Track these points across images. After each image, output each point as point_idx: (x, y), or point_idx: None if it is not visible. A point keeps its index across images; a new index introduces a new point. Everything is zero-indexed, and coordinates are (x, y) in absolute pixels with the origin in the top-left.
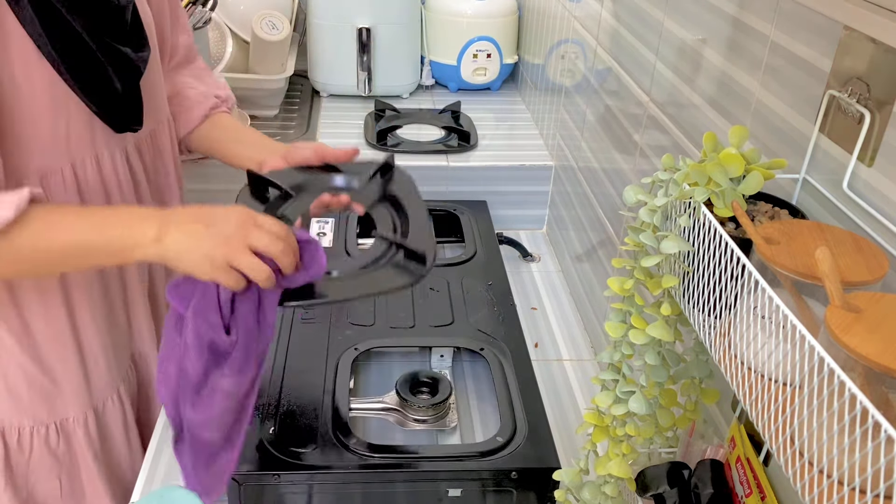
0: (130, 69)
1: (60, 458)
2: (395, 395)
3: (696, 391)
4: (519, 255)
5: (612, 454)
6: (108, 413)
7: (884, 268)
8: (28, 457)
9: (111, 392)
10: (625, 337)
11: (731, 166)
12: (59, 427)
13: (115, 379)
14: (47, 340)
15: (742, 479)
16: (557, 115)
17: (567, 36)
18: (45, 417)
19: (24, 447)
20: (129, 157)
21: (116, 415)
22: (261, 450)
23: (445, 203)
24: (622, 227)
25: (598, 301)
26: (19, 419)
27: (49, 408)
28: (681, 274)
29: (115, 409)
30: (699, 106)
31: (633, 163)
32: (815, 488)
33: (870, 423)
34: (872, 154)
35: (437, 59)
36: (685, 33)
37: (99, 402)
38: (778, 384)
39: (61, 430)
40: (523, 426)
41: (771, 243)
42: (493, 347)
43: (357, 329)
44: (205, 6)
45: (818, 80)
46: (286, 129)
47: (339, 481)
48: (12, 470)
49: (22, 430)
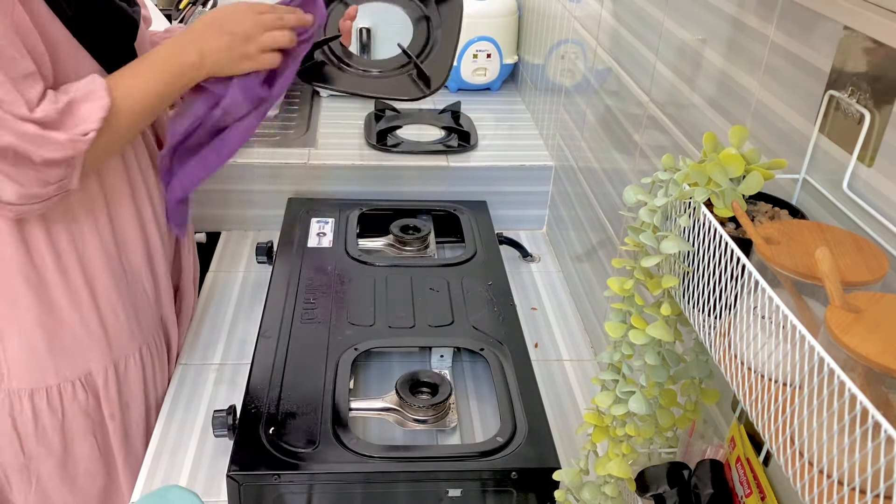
0: (128, 22)
1: (92, 415)
2: (395, 395)
3: (696, 391)
4: (519, 256)
5: (612, 454)
6: (129, 371)
7: (884, 268)
8: (61, 418)
9: (133, 350)
10: (625, 337)
11: (731, 166)
12: (85, 382)
13: (136, 337)
14: (63, 294)
15: (742, 479)
16: (557, 116)
17: (567, 36)
18: (68, 373)
19: (54, 408)
20: None
21: (137, 375)
22: (261, 450)
23: (445, 203)
24: (622, 227)
25: (598, 301)
26: (44, 378)
27: (70, 362)
28: (681, 274)
29: (136, 369)
30: (699, 106)
31: (633, 163)
32: (815, 488)
33: (870, 423)
34: (872, 154)
35: None
36: (685, 33)
37: (119, 358)
38: (778, 384)
39: (87, 385)
40: (523, 426)
41: (771, 243)
42: (493, 347)
43: (357, 329)
44: (205, 6)
45: (818, 80)
46: (286, 129)
47: (339, 481)
48: (47, 432)
49: (50, 390)
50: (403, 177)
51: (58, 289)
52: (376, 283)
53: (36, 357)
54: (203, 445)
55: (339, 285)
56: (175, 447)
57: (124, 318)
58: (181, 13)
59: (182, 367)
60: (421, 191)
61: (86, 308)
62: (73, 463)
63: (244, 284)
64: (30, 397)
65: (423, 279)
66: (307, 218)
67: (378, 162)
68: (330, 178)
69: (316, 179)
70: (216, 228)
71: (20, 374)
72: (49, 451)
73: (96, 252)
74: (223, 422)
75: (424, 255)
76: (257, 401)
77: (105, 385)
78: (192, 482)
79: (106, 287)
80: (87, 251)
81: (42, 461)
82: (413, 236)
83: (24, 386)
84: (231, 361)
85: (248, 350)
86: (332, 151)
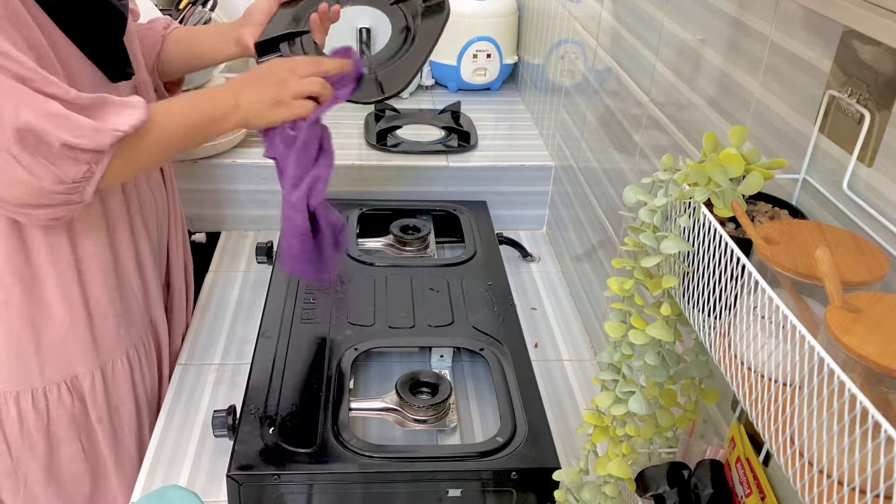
0: (116, 16)
1: (78, 419)
2: (395, 395)
3: (696, 391)
4: (519, 256)
5: (611, 454)
6: (116, 374)
7: (884, 268)
8: (47, 421)
9: (120, 353)
10: (625, 337)
11: (731, 166)
12: (71, 385)
13: (124, 340)
14: (56, 295)
15: (742, 479)
16: (557, 116)
17: (567, 36)
18: (54, 376)
19: (40, 411)
20: None
21: (125, 377)
22: (261, 450)
23: (445, 203)
24: (622, 228)
25: (598, 301)
26: (30, 381)
27: (56, 364)
28: (681, 274)
29: (124, 372)
30: (699, 106)
31: (633, 163)
32: (815, 488)
33: (870, 423)
34: (872, 154)
35: (437, 59)
36: (685, 33)
37: (107, 362)
38: (778, 384)
39: (73, 388)
40: (523, 426)
41: (771, 243)
42: (492, 347)
43: (357, 329)
44: (205, 6)
45: (818, 80)
46: None
47: (339, 481)
48: (32, 435)
49: (35, 392)
50: (403, 177)
51: (51, 291)
52: (376, 284)
53: (22, 358)
54: (203, 445)
55: (339, 285)
56: (175, 447)
57: (113, 322)
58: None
59: (182, 367)
60: (421, 191)
61: (76, 311)
62: (59, 466)
63: (244, 284)
64: (15, 400)
65: (423, 279)
66: None
67: (378, 162)
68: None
69: None
70: (216, 228)
71: (6, 375)
72: (33, 454)
73: (91, 254)
74: (223, 422)
75: (424, 256)
76: (257, 401)
77: (92, 389)
78: (192, 482)
79: (98, 290)
80: (83, 253)
81: (27, 464)
82: (413, 236)
83: (9, 388)
84: (231, 361)
85: (248, 350)
86: None
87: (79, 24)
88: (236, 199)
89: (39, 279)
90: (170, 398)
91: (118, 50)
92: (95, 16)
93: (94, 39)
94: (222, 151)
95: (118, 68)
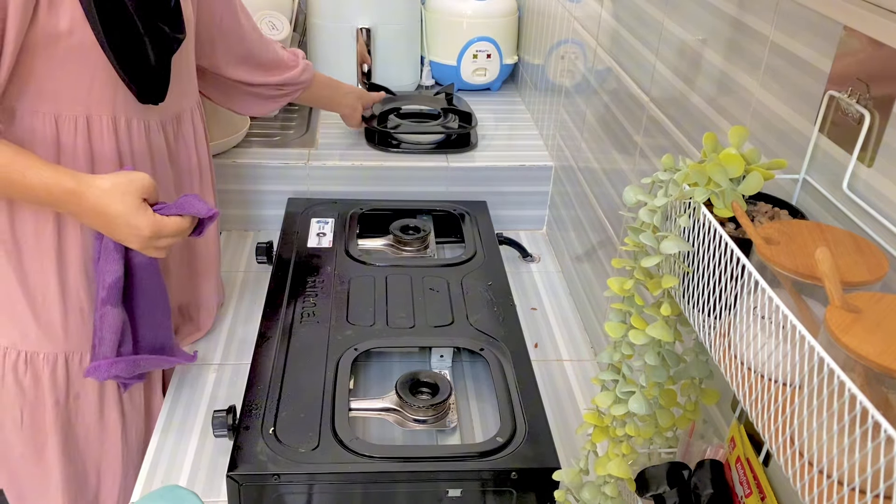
0: (165, 45)
1: (25, 390)
2: (395, 395)
3: (696, 391)
4: (519, 256)
5: (611, 454)
6: (84, 365)
7: (884, 268)
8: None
9: (88, 346)
10: (625, 337)
11: (730, 167)
12: (29, 359)
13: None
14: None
15: (742, 479)
16: (557, 116)
17: (567, 36)
18: (17, 342)
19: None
20: (149, 131)
21: None
22: (261, 450)
23: (445, 203)
24: (622, 228)
25: (598, 301)
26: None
27: (21, 334)
28: (681, 274)
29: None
30: (699, 106)
31: (633, 163)
32: (815, 488)
33: (870, 423)
34: (872, 154)
35: (437, 59)
36: (685, 33)
37: (74, 351)
38: (778, 384)
39: (30, 362)
40: (523, 426)
41: (771, 243)
42: (492, 348)
43: (357, 329)
44: None
45: (818, 80)
46: (286, 130)
47: (339, 481)
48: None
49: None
50: (403, 177)
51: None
52: (376, 284)
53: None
54: (203, 445)
55: (339, 285)
56: (175, 447)
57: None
58: None
59: (182, 367)
60: (421, 191)
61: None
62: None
63: (244, 284)
64: None
65: (423, 279)
66: (307, 218)
67: (378, 162)
68: (330, 178)
69: (316, 179)
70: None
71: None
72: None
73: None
74: (223, 422)
75: (424, 256)
76: (257, 401)
77: (53, 372)
78: (192, 482)
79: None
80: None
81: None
82: (413, 236)
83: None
84: (231, 361)
85: (248, 350)
86: (332, 151)
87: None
88: (236, 199)
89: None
90: (169, 398)
91: (157, 77)
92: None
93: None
94: (222, 152)
95: (147, 92)
